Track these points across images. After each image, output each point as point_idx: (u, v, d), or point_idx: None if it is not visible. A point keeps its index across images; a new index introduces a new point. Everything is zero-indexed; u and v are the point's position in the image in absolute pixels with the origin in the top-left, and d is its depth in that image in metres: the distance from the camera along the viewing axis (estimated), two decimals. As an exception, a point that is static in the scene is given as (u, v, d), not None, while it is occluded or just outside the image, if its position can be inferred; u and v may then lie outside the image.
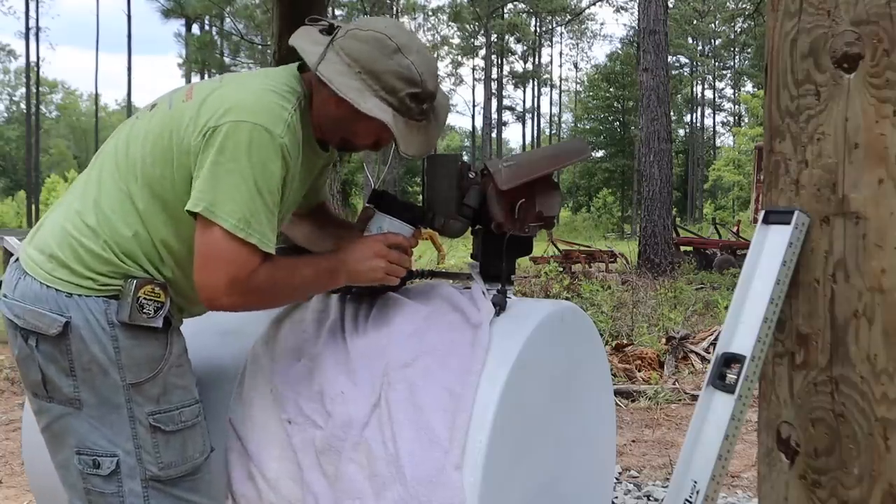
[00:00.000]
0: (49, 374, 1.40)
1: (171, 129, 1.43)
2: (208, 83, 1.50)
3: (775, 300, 1.12)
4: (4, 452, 3.86)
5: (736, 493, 3.35)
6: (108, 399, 1.41)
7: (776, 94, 1.17)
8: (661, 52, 14.79)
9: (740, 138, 37.66)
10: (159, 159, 1.43)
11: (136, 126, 1.51)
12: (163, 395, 1.44)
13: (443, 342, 1.55)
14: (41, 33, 45.43)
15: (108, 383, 1.40)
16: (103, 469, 1.40)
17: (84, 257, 1.41)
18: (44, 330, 1.38)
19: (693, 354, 5.84)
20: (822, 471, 1.10)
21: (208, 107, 1.40)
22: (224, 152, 1.35)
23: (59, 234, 1.44)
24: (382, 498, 1.41)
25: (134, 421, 1.41)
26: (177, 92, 1.53)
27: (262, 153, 1.36)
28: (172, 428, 1.45)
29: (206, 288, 1.39)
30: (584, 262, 13.89)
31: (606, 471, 2.05)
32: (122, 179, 1.45)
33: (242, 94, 1.41)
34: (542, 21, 51.90)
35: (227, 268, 1.36)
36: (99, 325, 1.39)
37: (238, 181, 1.34)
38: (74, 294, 1.39)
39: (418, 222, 1.68)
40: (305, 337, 1.66)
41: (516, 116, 59.25)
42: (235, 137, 1.35)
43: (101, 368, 1.39)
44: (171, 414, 1.45)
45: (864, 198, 1.05)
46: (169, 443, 1.44)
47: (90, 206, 1.45)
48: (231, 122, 1.36)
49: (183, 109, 1.44)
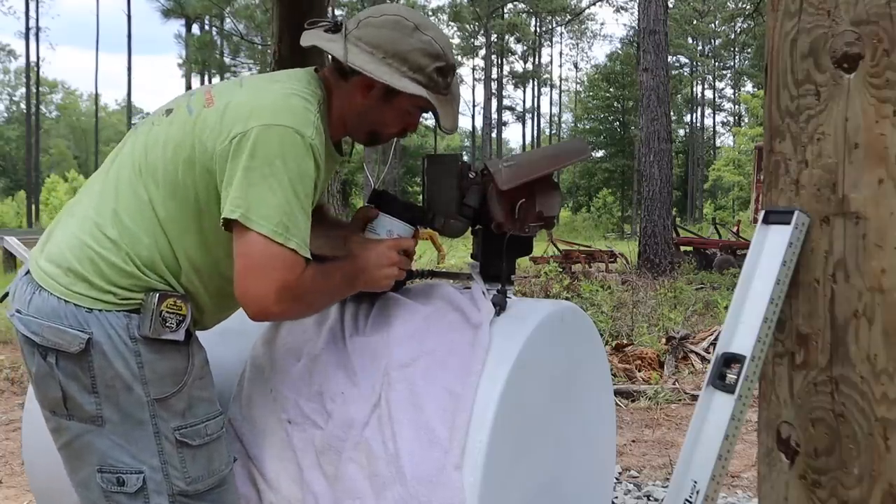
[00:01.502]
0: (70, 391, 1.36)
1: (195, 136, 1.40)
2: (228, 86, 1.48)
3: (775, 300, 1.12)
4: (4, 452, 3.86)
5: (736, 493, 3.35)
6: (132, 415, 1.37)
7: (776, 94, 1.17)
8: (661, 52, 14.79)
9: (740, 138, 37.67)
10: (182, 165, 1.40)
11: (153, 132, 1.47)
12: (188, 409, 1.41)
13: (443, 342, 1.55)
14: (41, 33, 45.52)
15: (131, 399, 1.36)
16: (129, 486, 1.37)
17: (105, 271, 1.37)
18: (65, 347, 1.34)
19: (693, 354, 5.84)
20: (822, 471, 1.10)
21: (233, 112, 1.38)
22: (256, 157, 1.32)
23: (78, 247, 1.39)
24: (382, 498, 1.41)
25: (159, 436, 1.38)
26: (194, 95, 1.50)
27: (294, 156, 1.34)
28: (199, 442, 1.42)
29: (254, 298, 1.35)
30: (584, 262, 13.89)
31: (606, 471, 2.05)
32: (142, 187, 1.41)
33: (269, 99, 1.39)
34: (542, 21, 51.91)
35: (274, 275, 1.33)
36: (121, 341, 1.36)
37: (273, 185, 1.32)
38: (95, 309, 1.36)
39: (418, 222, 1.68)
40: (305, 337, 1.66)
41: (516, 116, 59.27)
42: (267, 141, 1.33)
43: (124, 384, 1.36)
44: (196, 428, 1.42)
45: (864, 198, 1.05)
46: (196, 457, 1.42)
47: (109, 217, 1.40)
48: (261, 125, 1.33)
49: (206, 116, 1.41)
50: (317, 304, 1.50)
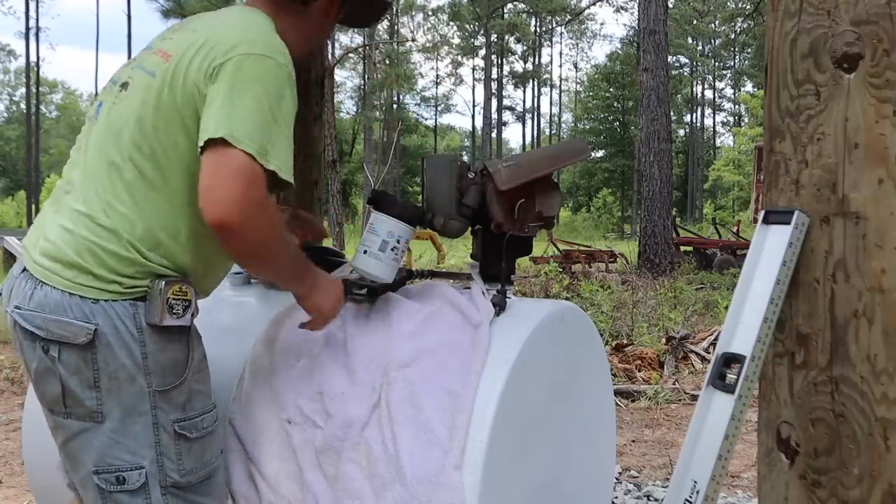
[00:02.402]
0: (70, 386, 1.35)
1: (166, 91, 1.37)
2: (176, 36, 1.45)
3: (775, 300, 1.12)
4: (4, 452, 3.86)
5: (736, 493, 3.35)
6: (133, 407, 1.36)
7: (776, 94, 1.17)
8: (661, 52, 14.79)
9: (740, 138, 37.66)
10: (164, 125, 1.37)
11: (115, 112, 1.42)
12: (188, 401, 1.42)
13: (443, 342, 1.55)
14: (41, 33, 45.51)
15: (133, 390, 1.36)
16: (130, 483, 1.36)
17: (108, 261, 1.36)
18: (70, 339, 1.33)
19: (693, 354, 5.84)
20: (822, 471, 1.10)
21: (205, 51, 1.36)
22: (237, 83, 1.31)
23: (74, 241, 1.37)
24: (382, 498, 1.41)
25: (158, 428, 1.38)
26: (143, 62, 1.46)
27: (275, 82, 1.34)
28: (196, 435, 1.42)
29: (220, 200, 1.26)
30: (584, 262, 13.90)
31: (606, 471, 2.05)
32: (125, 168, 1.38)
33: (238, 30, 1.39)
34: (542, 21, 51.91)
35: (247, 185, 1.27)
36: (127, 331, 1.35)
37: (254, 108, 1.30)
38: (101, 300, 1.35)
39: (418, 222, 1.68)
40: (305, 337, 1.66)
41: (516, 116, 59.25)
42: (246, 69, 1.32)
43: (128, 375, 1.35)
44: (194, 421, 1.43)
45: (864, 198, 1.05)
46: (191, 450, 1.42)
47: (99, 208, 1.38)
48: (238, 55, 1.33)
49: (169, 71, 1.38)
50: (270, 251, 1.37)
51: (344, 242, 13.44)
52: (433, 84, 54.65)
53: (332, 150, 12.92)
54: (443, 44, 47.50)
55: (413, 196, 35.95)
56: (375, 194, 1.69)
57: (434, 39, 46.77)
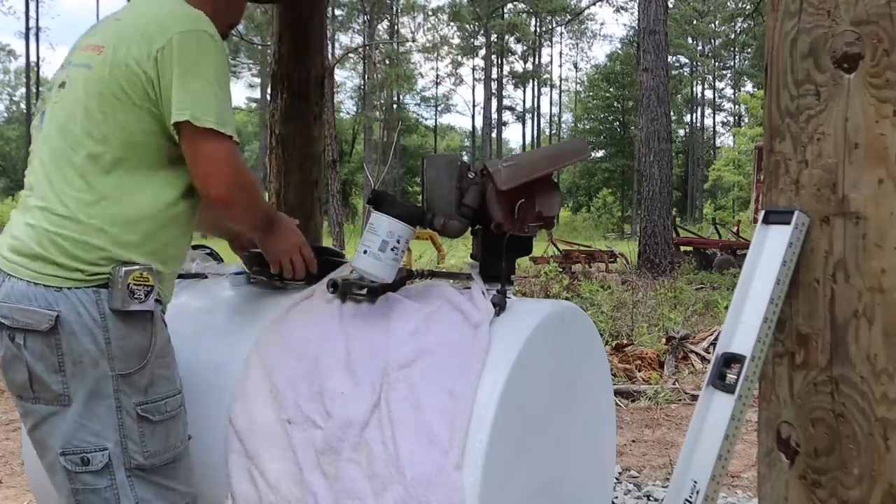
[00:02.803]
0: (37, 371, 1.41)
1: (107, 78, 1.45)
2: (102, 30, 1.56)
3: (775, 300, 1.12)
4: (4, 452, 3.86)
5: (736, 493, 3.35)
6: (97, 391, 1.42)
7: (776, 94, 1.17)
8: (661, 52, 14.79)
9: (740, 138, 37.65)
10: (111, 110, 1.45)
11: (57, 111, 1.51)
12: (150, 385, 1.47)
13: (443, 342, 1.55)
14: (41, 33, 45.52)
15: (97, 375, 1.41)
16: (94, 464, 1.42)
17: (70, 249, 1.42)
18: (34, 326, 1.39)
19: (693, 354, 5.84)
20: (822, 471, 1.10)
21: (139, 34, 1.45)
22: (183, 63, 1.43)
23: (36, 234, 1.44)
24: (382, 498, 1.41)
25: (121, 411, 1.43)
26: (73, 60, 1.55)
27: (212, 54, 1.47)
28: (158, 418, 1.47)
29: (215, 184, 1.46)
30: (584, 262, 13.90)
31: (606, 471, 2.05)
32: (76, 157, 1.46)
33: (167, 10, 1.49)
34: (542, 21, 51.90)
35: (226, 161, 1.46)
36: (90, 317, 1.41)
37: (204, 84, 1.44)
38: (64, 288, 1.41)
39: (418, 222, 1.68)
40: (305, 337, 1.66)
41: (516, 116, 59.23)
42: (186, 47, 1.44)
43: (91, 360, 1.41)
44: (157, 404, 1.48)
45: (864, 198, 1.05)
46: (154, 432, 1.47)
47: (55, 198, 1.45)
48: (175, 34, 1.44)
49: (107, 60, 1.46)
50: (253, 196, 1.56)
51: (344, 242, 13.44)
52: (433, 84, 54.66)
53: (332, 150, 12.92)
54: (443, 44, 47.49)
55: (413, 196, 35.96)
56: (375, 194, 1.69)
57: (434, 39, 46.76)
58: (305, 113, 3.86)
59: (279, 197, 3.87)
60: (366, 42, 37.47)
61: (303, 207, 3.86)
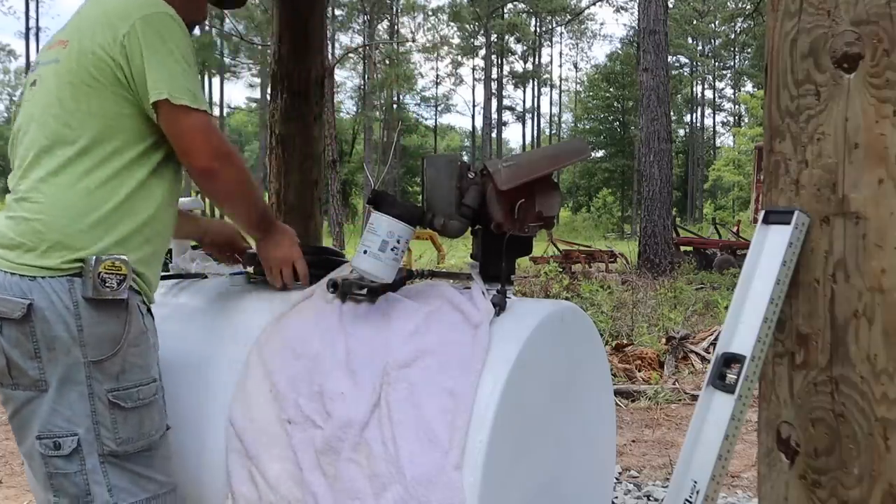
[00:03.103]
0: (13, 357, 1.44)
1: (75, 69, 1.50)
2: (67, 27, 1.61)
3: (775, 300, 1.12)
4: (4, 452, 3.86)
5: (736, 493, 3.35)
6: (69, 377, 1.45)
7: (776, 94, 1.17)
8: (661, 52, 14.80)
9: (740, 138, 37.64)
10: (85, 97, 1.49)
11: (32, 105, 1.56)
12: (122, 372, 1.49)
13: (443, 342, 1.55)
14: (41, 33, 45.37)
15: (69, 361, 1.44)
16: (65, 449, 1.44)
17: (48, 235, 1.45)
18: (8, 314, 1.43)
19: (693, 354, 5.84)
20: (822, 471, 1.10)
21: (102, 23, 1.51)
22: (150, 45, 1.49)
23: (15, 224, 1.48)
24: (382, 498, 1.41)
25: (93, 397, 1.46)
26: (43, 59, 1.61)
27: (174, 32, 1.52)
28: (130, 405, 1.49)
29: (198, 156, 1.52)
30: (584, 262, 13.90)
31: (606, 471, 2.05)
32: (56, 147, 1.49)
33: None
34: (542, 21, 51.89)
35: (206, 131, 1.52)
36: (63, 305, 1.44)
37: (173, 62, 1.50)
38: (38, 277, 1.44)
39: (417, 222, 1.68)
40: (305, 337, 1.66)
41: (516, 116, 59.23)
42: (150, 29, 1.49)
43: (64, 346, 1.44)
44: (129, 391, 1.49)
45: (864, 198, 1.05)
46: (127, 419, 1.49)
47: (33, 187, 1.49)
48: (137, 19, 1.49)
49: (73, 51, 1.51)
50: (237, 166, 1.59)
51: (344, 242, 13.44)
52: (433, 84, 54.67)
53: (332, 150, 12.93)
54: (443, 44, 47.49)
55: (413, 196, 35.96)
56: (375, 194, 1.69)
57: (434, 39, 46.76)
58: (305, 113, 3.86)
59: (279, 197, 3.88)
60: (366, 42, 37.44)
61: (303, 207, 3.86)
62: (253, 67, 37.50)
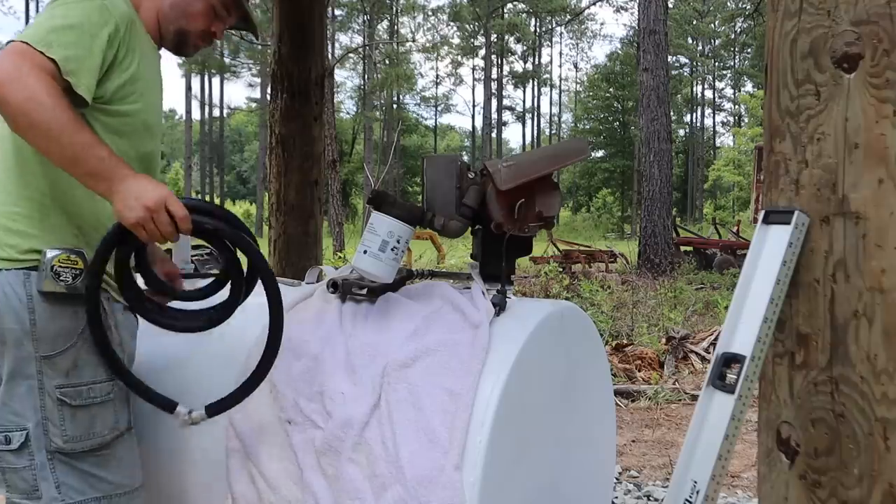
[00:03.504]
0: None
1: None
2: None
3: (775, 300, 1.12)
4: None
5: (736, 493, 3.35)
6: (19, 371, 1.44)
7: (776, 94, 1.17)
8: (661, 52, 14.80)
9: (740, 138, 37.64)
10: None
11: None
12: (73, 369, 1.47)
13: (443, 342, 1.55)
14: (41, 33, 45.25)
15: (20, 355, 1.44)
16: (14, 443, 1.44)
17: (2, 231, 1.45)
18: None
19: (693, 354, 5.84)
20: (822, 471, 1.09)
21: None
22: (47, 9, 1.44)
23: None
24: (382, 498, 1.41)
25: (43, 392, 1.45)
26: None
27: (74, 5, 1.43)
28: (79, 402, 1.47)
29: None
30: (584, 262, 13.89)
31: (606, 471, 2.05)
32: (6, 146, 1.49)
33: None
34: (542, 21, 51.88)
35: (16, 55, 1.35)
36: (16, 297, 1.43)
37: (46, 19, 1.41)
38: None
39: (417, 222, 1.68)
40: (305, 337, 1.66)
41: (516, 116, 59.19)
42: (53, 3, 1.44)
43: (15, 339, 1.43)
44: (79, 389, 1.47)
45: (864, 198, 1.05)
46: (75, 417, 1.47)
47: None
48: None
49: None
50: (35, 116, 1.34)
51: (344, 242, 13.44)
52: (433, 84, 54.67)
53: (332, 150, 12.92)
54: (443, 44, 47.50)
55: (413, 196, 35.96)
56: (375, 194, 1.69)
57: (434, 39, 46.78)
58: (305, 113, 3.87)
59: (279, 197, 3.88)
60: (366, 42, 37.47)
61: (303, 207, 3.86)
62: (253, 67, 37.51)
